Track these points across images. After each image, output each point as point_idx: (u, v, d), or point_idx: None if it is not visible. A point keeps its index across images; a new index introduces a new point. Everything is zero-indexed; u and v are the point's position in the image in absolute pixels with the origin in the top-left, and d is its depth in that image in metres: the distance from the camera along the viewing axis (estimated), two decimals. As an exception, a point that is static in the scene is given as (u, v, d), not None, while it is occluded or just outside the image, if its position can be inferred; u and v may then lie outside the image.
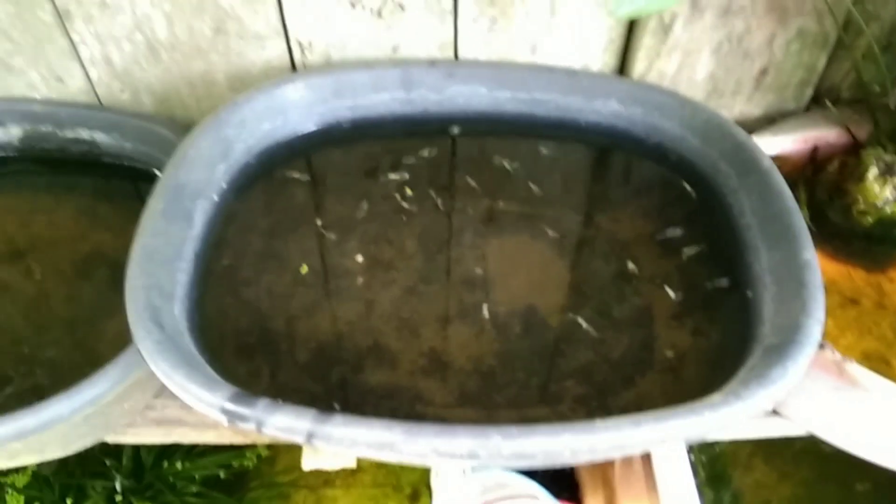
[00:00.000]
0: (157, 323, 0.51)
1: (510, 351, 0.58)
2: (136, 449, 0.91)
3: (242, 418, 0.47)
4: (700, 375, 0.56)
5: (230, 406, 0.47)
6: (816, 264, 0.55)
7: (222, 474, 0.99)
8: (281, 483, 1.08)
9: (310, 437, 0.46)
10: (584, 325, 0.60)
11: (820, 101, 0.79)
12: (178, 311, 0.56)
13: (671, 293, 0.62)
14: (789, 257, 0.56)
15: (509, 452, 0.45)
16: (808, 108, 0.80)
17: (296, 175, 0.73)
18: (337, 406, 0.53)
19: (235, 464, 1.01)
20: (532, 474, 0.74)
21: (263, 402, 0.47)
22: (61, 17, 0.72)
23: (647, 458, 0.62)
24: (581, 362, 0.57)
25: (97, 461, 0.91)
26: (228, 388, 0.48)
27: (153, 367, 0.49)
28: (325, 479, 1.07)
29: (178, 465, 0.95)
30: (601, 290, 0.62)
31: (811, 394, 0.55)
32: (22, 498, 0.93)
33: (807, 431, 0.59)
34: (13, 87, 0.78)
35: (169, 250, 0.58)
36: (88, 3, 0.70)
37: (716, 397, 0.48)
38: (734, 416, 0.47)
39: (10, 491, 0.93)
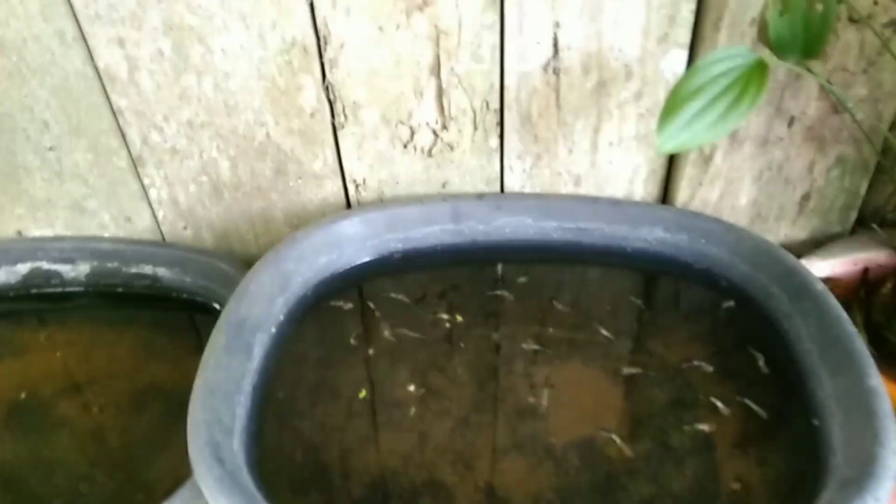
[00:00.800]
0: (217, 458, 0.51)
1: (569, 485, 0.56)
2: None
3: None
4: None
5: None
6: (884, 391, 0.53)
7: None
8: None
9: None
10: (644, 456, 0.58)
11: (865, 223, 0.79)
12: (236, 446, 0.55)
13: (733, 421, 0.60)
14: (853, 384, 0.55)
15: None
16: (853, 231, 0.80)
17: (349, 305, 0.74)
18: None
19: None
20: None
21: None
22: (135, 164, 0.77)
23: None
24: (644, 496, 0.55)
25: None
26: None
27: None
28: None
29: None
30: (660, 420, 0.61)
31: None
32: None
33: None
34: (85, 228, 0.82)
35: (230, 384, 0.59)
36: (161, 150, 0.76)
37: None
38: None
39: None
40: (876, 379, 0.54)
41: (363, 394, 0.64)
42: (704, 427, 0.60)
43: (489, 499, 0.55)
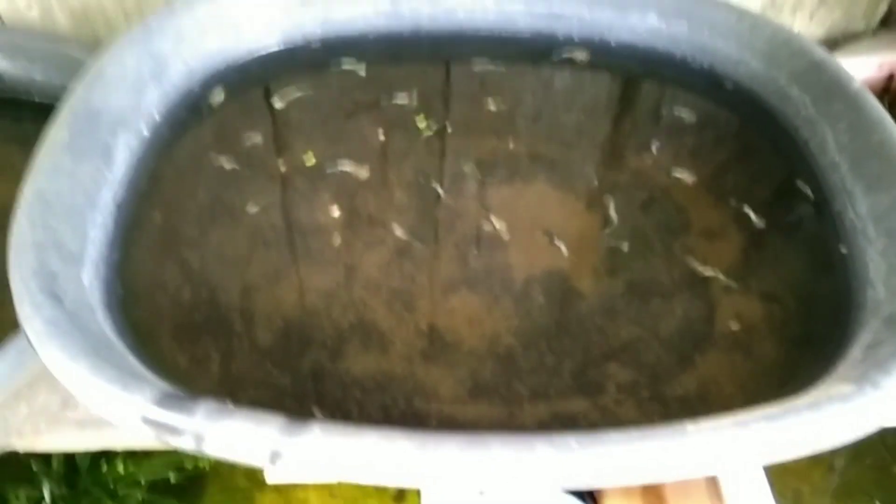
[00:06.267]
0: (50, 293, 0.39)
1: (533, 327, 0.49)
2: (67, 451, 0.81)
3: (174, 430, 0.34)
4: (779, 356, 0.47)
5: (156, 412, 0.34)
6: (939, 207, 0.45)
7: (173, 478, 0.88)
8: (243, 487, 0.97)
9: (275, 456, 0.33)
10: (624, 290, 0.51)
11: (891, 23, 0.69)
12: (87, 279, 0.43)
13: (729, 250, 0.53)
14: None
15: (565, 472, 0.33)
16: (875, 31, 0.71)
17: (252, 107, 0.62)
18: (316, 410, 0.42)
19: (189, 465, 0.90)
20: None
21: (206, 407, 0.34)
22: None
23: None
24: (624, 340, 0.48)
25: (22, 465, 0.79)
26: (154, 387, 0.36)
27: (41, 354, 0.36)
28: (295, 478, 0.97)
29: (120, 468, 0.84)
30: (642, 251, 0.53)
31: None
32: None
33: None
34: None
35: (76, 196, 0.46)
36: None
37: (843, 387, 0.36)
38: (874, 412, 0.35)
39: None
40: (928, 193, 0.46)
41: (312, 160, 0.55)
42: (696, 260, 0.52)
43: (433, 345, 0.48)
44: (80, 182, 0.47)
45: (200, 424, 0.34)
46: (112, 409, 0.35)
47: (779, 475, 0.78)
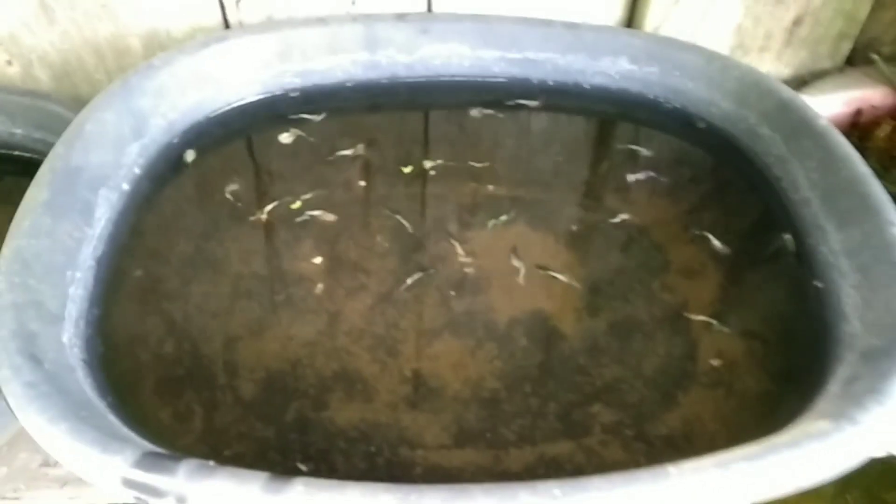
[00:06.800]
0: (30, 356, 0.39)
1: (516, 370, 0.49)
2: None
3: (155, 491, 0.34)
4: (761, 390, 0.47)
5: (136, 474, 0.34)
6: (907, 240, 0.47)
7: None
8: None
9: None
10: (606, 330, 0.51)
11: (855, 60, 0.72)
12: (67, 338, 0.44)
13: (708, 289, 0.54)
14: (871, 235, 0.48)
15: None
16: (842, 69, 0.73)
17: (232, 158, 0.64)
18: (302, 467, 0.42)
19: None
20: None
21: (187, 466, 0.35)
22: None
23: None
24: (607, 380, 0.48)
25: None
26: (135, 448, 0.35)
27: (21, 419, 0.37)
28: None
29: None
30: (623, 290, 0.54)
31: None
32: None
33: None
34: None
35: (56, 256, 0.47)
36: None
37: (821, 423, 0.37)
38: (853, 448, 0.36)
39: None
40: (897, 226, 0.47)
41: (297, 205, 0.57)
42: (675, 298, 0.53)
43: (417, 391, 0.48)
44: (60, 241, 0.48)
45: (182, 485, 0.34)
46: (92, 471, 0.35)
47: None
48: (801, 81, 0.72)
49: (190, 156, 0.60)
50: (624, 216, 0.59)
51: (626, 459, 0.44)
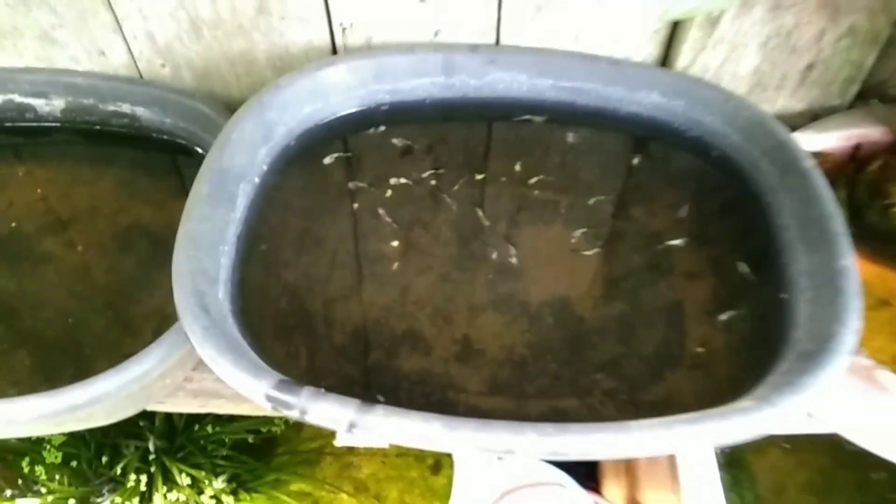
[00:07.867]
0: (203, 308, 0.52)
1: (542, 342, 0.57)
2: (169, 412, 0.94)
3: (287, 406, 0.48)
4: (730, 374, 0.56)
5: (275, 393, 0.48)
6: (855, 272, 0.54)
7: (251, 439, 1.02)
8: (307, 450, 1.11)
9: (351, 426, 0.47)
10: (616, 317, 0.59)
11: (865, 98, 0.77)
12: (221, 295, 0.56)
13: (704, 289, 0.61)
14: (826, 262, 0.55)
15: (544, 450, 0.46)
16: (851, 106, 0.78)
17: (334, 157, 0.71)
18: (381, 398, 0.53)
19: (264, 430, 1.04)
20: (558, 462, 0.75)
21: (308, 391, 0.48)
22: (105, -8, 0.72)
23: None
24: (611, 355, 0.57)
25: (131, 422, 0.93)
26: (273, 376, 0.49)
27: (201, 353, 0.50)
28: (349, 446, 1.10)
29: (209, 429, 0.99)
30: (634, 286, 0.61)
31: (840, 396, 0.56)
32: (60, 454, 0.97)
33: (833, 431, 0.59)
34: (56, 60, 0.78)
35: (213, 235, 0.58)
36: (133, -21, 0.70)
37: (747, 402, 0.48)
38: (765, 423, 0.47)
39: (47, 447, 0.96)
40: (848, 259, 0.55)
41: (383, 197, 0.62)
42: (675, 294, 0.60)
43: (465, 350, 0.57)
44: (215, 223, 0.59)
45: (304, 403, 0.47)
46: (246, 389, 0.48)
47: (767, 471, 0.87)
48: (812, 115, 0.77)
49: (308, 148, 0.70)
50: (641, 222, 0.65)
51: (616, 417, 0.52)
